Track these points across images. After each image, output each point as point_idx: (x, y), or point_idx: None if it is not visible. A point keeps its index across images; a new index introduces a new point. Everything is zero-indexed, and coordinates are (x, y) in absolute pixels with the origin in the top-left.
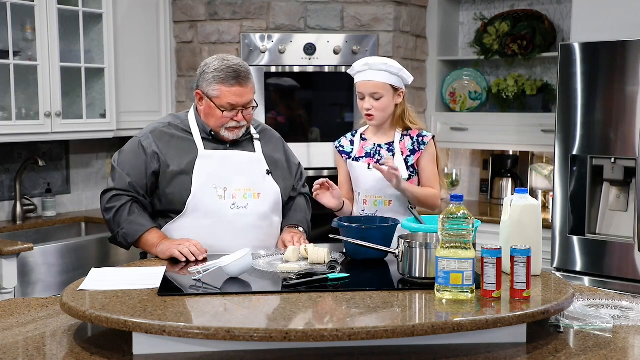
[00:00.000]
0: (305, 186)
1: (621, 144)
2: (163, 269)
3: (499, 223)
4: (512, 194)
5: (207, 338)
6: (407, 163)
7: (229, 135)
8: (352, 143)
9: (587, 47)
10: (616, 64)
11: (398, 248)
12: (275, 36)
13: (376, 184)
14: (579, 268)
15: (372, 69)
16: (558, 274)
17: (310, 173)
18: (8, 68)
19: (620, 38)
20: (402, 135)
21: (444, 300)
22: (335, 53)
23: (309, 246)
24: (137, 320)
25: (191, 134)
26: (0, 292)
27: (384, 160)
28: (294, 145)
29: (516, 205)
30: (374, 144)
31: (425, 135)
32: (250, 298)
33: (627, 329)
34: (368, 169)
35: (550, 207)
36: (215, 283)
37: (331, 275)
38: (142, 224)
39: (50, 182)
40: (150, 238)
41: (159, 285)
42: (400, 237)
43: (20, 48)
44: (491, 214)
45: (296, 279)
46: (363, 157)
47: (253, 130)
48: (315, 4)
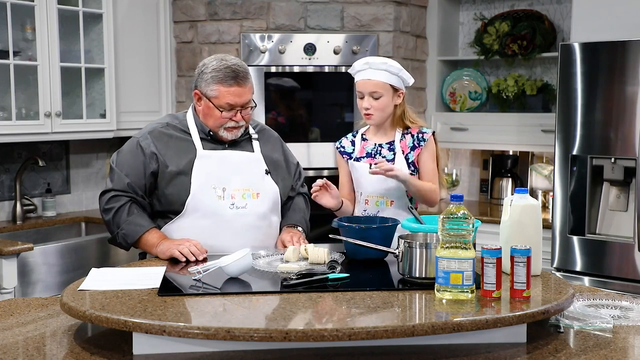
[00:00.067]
0: (303, 186)
1: (621, 144)
2: (163, 269)
3: (499, 223)
4: (512, 194)
5: (207, 338)
6: (408, 160)
7: (228, 136)
8: (353, 143)
9: (587, 47)
10: (616, 64)
11: (398, 248)
12: (275, 36)
13: (378, 184)
14: (579, 268)
15: (372, 68)
16: (558, 274)
17: (310, 173)
18: (8, 68)
19: (620, 38)
20: (403, 134)
21: (444, 300)
22: (335, 53)
23: (309, 246)
24: (137, 320)
25: (189, 134)
26: (0, 292)
27: (375, 167)
28: (294, 146)
29: (516, 205)
30: (375, 144)
31: (425, 132)
32: (250, 298)
33: (627, 329)
34: (370, 169)
35: (550, 207)
36: (215, 283)
37: (331, 275)
38: (142, 224)
39: (50, 182)
40: (150, 238)
41: (159, 285)
42: (400, 237)
43: (20, 48)
44: (491, 214)
45: (296, 279)
46: (364, 157)
47: (251, 130)
48: (315, 4)
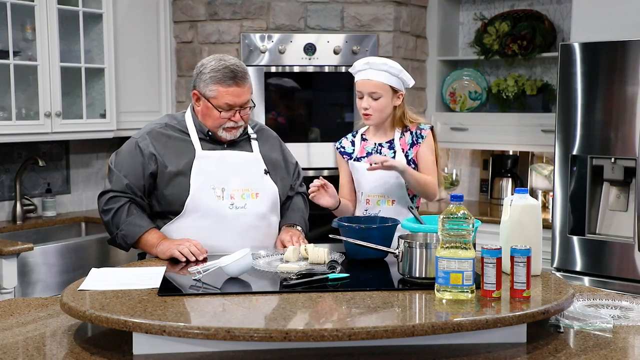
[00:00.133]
0: (302, 185)
1: (621, 144)
2: (163, 269)
3: (499, 223)
4: (512, 194)
5: (207, 338)
6: (407, 157)
7: (227, 136)
8: (353, 144)
9: (587, 47)
10: (616, 64)
11: (398, 248)
12: (275, 36)
13: (379, 183)
14: (579, 268)
15: (373, 69)
16: (558, 274)
17: (310, 173)
18: (8, 68)
19: (620, 38)
20: (402, 132)
21: (444, 300)
22: (335, 53)
23: (309, 246)
24: (137, 320)
25: (188, 134)
26: (0, 292)
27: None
28: (293, 146)
29: (516, 205)
30: (375, 144)
31: (424, 129)
32: (250, 298)
33: (627, 329)
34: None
35: (550, 207)
36: (215, 283)
37: (331, 275)
38: (141, 224)
39: (50, 182)
40: (150, 238)
41: (159, 285)
42: (400, 237)
43: (20, 48)
44: (491, 214)
45: (296, 279)
46: (364, 157)
47: (250, 130)
48: (315, 4)
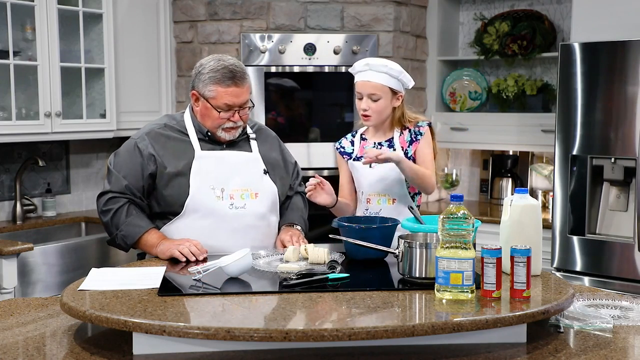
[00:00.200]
0: (301, 185)
1: (621, 144)
2: (163, 269)
3: (499, 223)
4: (512, 194)
5: (207, 338)
6: (407, 155)
7: (226, 136)
8: (353, 143)
9: (587, 47)
10: (616, 64)
11: (398, 248)
12: (275, 36)
13: (379, 182)
14: (579, 268)
15: (373, 70)
16: (558, 274)
17: (310, 173)
18: (8, 68)
19: (620, 38)
20: (401, 131)
21: (444, 300)
22: (335, 53)
23: (309, 246)
24: (137, 320)
25: (187, 134)
26: (0, 292)
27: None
28: (293, 146)
29: (516, 205)
30: (374, 143)
31: (422, 126)
32: (250, 298)
33: (627, 329)
34: (370, 167)
35: (550, 207)
36: (215, 283)
37: (331, 275)
38: (141, 225)
39: (50, 182)
40: (150, 239)
41: (158, 285)
42: (400, 237)
43: (20, 48)
44: (491, 214)
45: (296, 279)
46: (364, 157)
47: (249, 130)
48: (315, 4)
